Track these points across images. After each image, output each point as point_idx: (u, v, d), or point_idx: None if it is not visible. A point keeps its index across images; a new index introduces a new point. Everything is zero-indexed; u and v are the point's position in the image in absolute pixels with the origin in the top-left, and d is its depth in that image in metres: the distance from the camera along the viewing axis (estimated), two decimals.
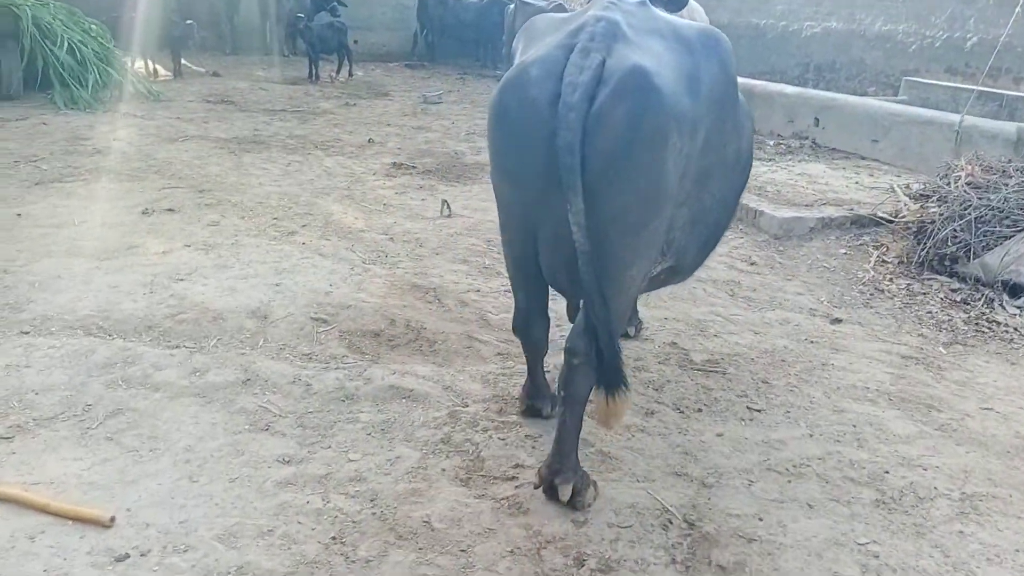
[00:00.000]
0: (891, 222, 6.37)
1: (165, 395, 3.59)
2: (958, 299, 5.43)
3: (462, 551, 2.72)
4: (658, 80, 2.64)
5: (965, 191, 5.81)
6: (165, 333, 4.22)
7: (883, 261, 6.02)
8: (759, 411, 3.77)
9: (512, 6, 16.20)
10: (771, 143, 9.89)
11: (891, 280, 5.73)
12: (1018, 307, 5.28)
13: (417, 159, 8.77)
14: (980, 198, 5.74)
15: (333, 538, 2.75)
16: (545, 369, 3.65)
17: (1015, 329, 5.03)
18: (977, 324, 5.10)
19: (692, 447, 3.45)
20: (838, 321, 5.04)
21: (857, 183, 7.90)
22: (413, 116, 11.54)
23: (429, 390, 3.75)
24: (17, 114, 9.65)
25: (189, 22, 13.79)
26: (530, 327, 3.31)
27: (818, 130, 9.92)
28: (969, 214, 5.66)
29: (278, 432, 3.34)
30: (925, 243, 5.78)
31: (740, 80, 3.28)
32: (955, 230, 5.65)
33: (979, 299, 5.37)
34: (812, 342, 4.68)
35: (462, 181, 7.96)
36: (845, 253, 6.17)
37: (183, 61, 14.10)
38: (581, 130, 2.56)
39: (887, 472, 3.34)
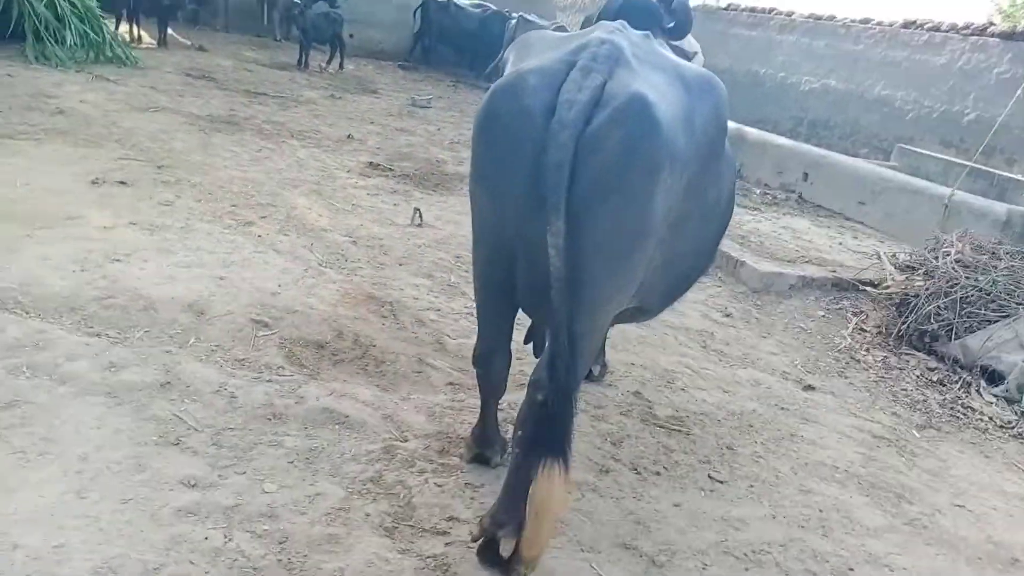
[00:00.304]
0: (872, 287, 6.16)
1: (71, 390, 3.20)
2: (934, 379, 5.21)
3: None
4: (657, 111, 2.50)
5: (953, 268, 5.61)
6: (88, 318, 3.83)
7: (861, 329, 5.80)
8: (721, 482, 3.48)
9: (514, 21, 16.00)
10: (758, 191, 9.71)
11: (867, 350, 5.50)
12: (995, 395, 5.07)
13: (395, 161, 8.44)
14: (968, 277, 5.55)
15: None
16: (499, 407, 3.34)
17: (990, 419, 4.82)
18: (952, 408, 4.89)
19: (646, 516, 3.14)
20: (810, 388, 4.78)
21: (841, 244, 7.71)
22: (398, 117, 11.22)
23: (367, 418, 3.40)
24: None
25: None
26: (492, 360, 3.04)
27: (806, 185, 9.75)
28: (955, 292, 5.46)
29: (189, 448, 2.97)
30: (907, 316, 5.56)
31: (734, 125, 3.16)
32: (939, 307, 5.44)
33: (956, 382, 5.16)
34: (782, 408, 4.42)
35: (439, 190, 7.64)
36: (823, 316, 5.94)
37: (169, 31, 13.65)
38: (573, 150, 2.41)
39: (851, 570, 3.06)
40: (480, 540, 2.65)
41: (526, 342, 3.43)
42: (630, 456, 3.57)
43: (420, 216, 6.44)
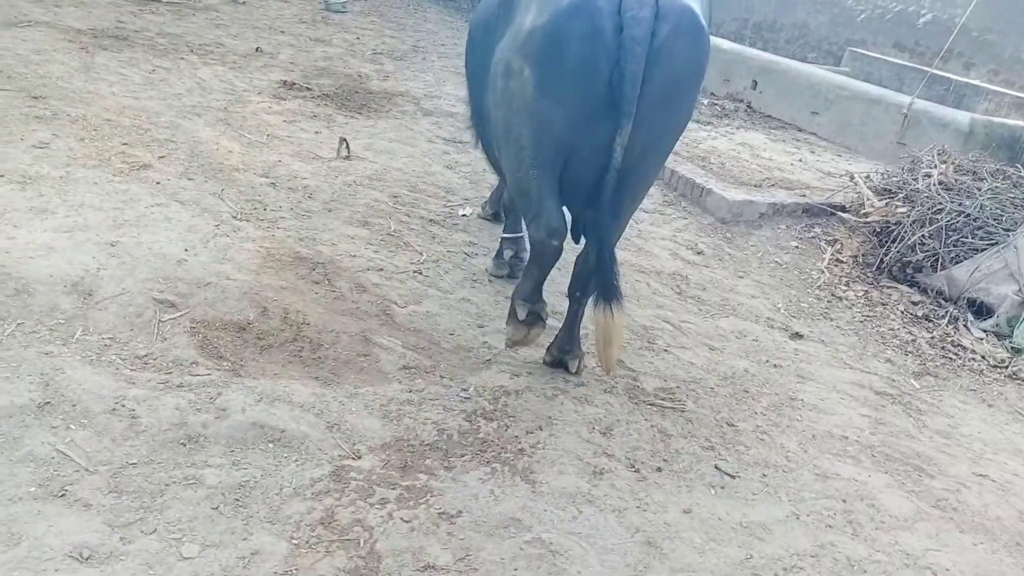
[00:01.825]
0: (844, 211, 5.71)
1: None
2: (919, 314, 4.85)
3: None
4: (702, 20, 2.86)
5: (937, 192, 5.18)
6: None
7: (837, 260, 5.37)
8: (732, 476, 3.00)
9: None
10: (705, 102, 9.10)
11: (847, 285, 5.09)
12: (984, 330, 4.74)
13: (313, 79, 7.48)
14: (952, 201, 5.14)
15: None
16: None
17: (983, 357, 4.49)
18: (943, 348, 4.54)
19: (655, 532, 2.64)
20: (798, 336, 4.34)
21: (801, 160, 7.23)
22: (312, 25, 10.06)
23: (308, 430, 2.76)
24: None
25: None
26: (563, 230, 3.16)
27: (755, 94, 9.20)
28: (940, 219, 5.05)
29: (79, 501, 2.29)
30: (889, 246, 5.15)
31: None
32: (923, 236, 5.03)
33: (943, 317, 4.81)
34: (775, 365, 3.96)
35: (365, 112, 6.77)
36: (796, 247, 5.48)
37: None
38: (644, 62, 2.70)
39: None
40: (552, 363, 3.45)
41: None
42: (624, 448, 3.04)
43: (347, 147, 5.63)
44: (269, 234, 4.18)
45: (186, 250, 3.80)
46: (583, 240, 3.21)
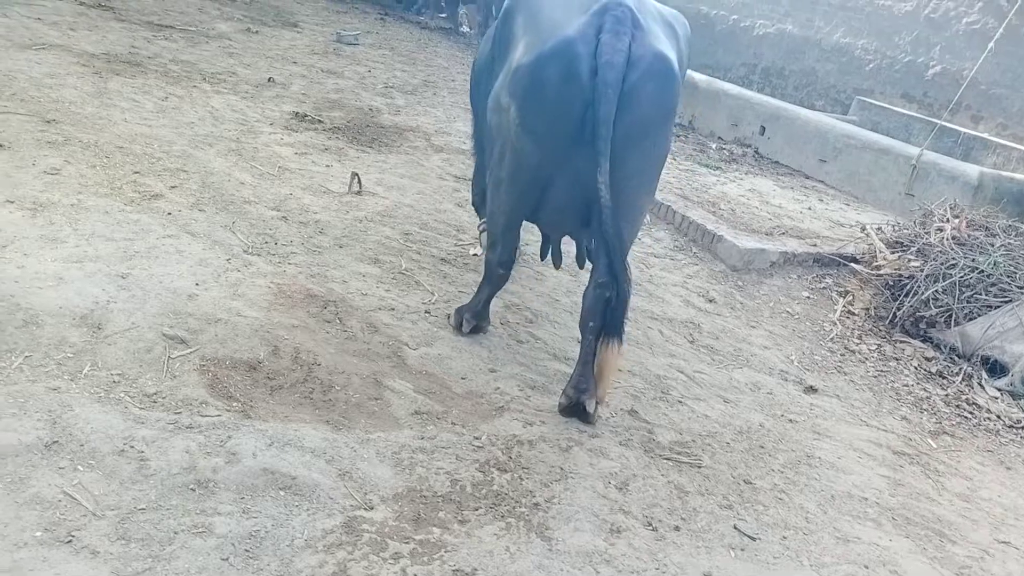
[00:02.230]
0: (855, 263, 5.69)
1: None
2: (933, 370, 4.80)
3: None
4: (673, 65, 3.12)
5: (951, 248, 5.17)
6: None
7: (849, 312, 5.33)
8: (752, 538, 2.92)
9: None
10: (713, 146, 9.14)
11: (860, 338, 5.04)
12: (998, 388, 4.69)
13: (324, 111, 7.48)
14: (965, 257, 5.11)
15: None
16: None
17: (998, 417, 4.44)
18: (958, 406, 4.49)
19: None
20: (813, 390, 4.28)
21: (810, 208, 7.23)
22: (324, 56, 10.11)
23: (319, 477, 2.68)
24: None
25: None
26: (512, 262, 3.77)
27: (763, 139, 9.24)
28: (953, 275, 5.02)
29: (86, 548, 2.20)
30: (902, 300, 5.11)
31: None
32: (937, 291, 5.00)
33: (957, 374, 4.76)
34: (790, 420, 3.90)
35: (376, 147, 6.76)
36: (808, 297, 5.45)
37: None
38: (616, 104, 2.97)
39: None
40: (568, 407, 3.38)
41: (543, 258, 4.27)
42: (641, 504, 2.97)
43: (359, 182, 5.60)
44: (280, 270, 4.14)
45: (197, 284, 3.74)
46: (587, 266, 3.67)
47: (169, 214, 4.47)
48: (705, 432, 3.59)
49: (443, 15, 15.67)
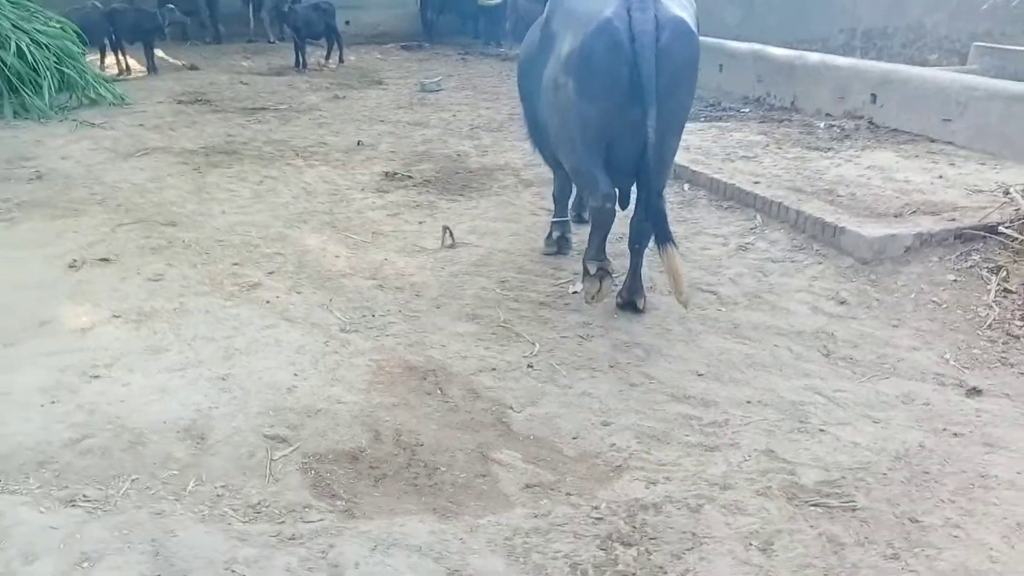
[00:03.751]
0: (1004, 232, 5.03)
1: None
2: None
3: None
4: (691, 25, 3.86)
5: None
6: (60, 473, 3.00)
7: (1005, 290, 4.70)
8: None
9: None
10: (822, 125, 8.51)
11: (1023, 319, 4.42)
12: None
13: (413, 165, 7.48)
14: None
15: None
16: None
17: None
18: None
19: None
20: (977, 392, 3.75)
21: (941, 177, 6.53)
22: (409, 108, 10.21)
23: None
24: None
25: (169, 6, 12.46)
26: (614, 195, 4.19)
27: (875, 108, 8.52)
28: None
29: None
30: None
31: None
32: None
33: None
34: (955, 434, 3.41)
35: (466, 194, 6.66)
36: (954, 281, 4.85)
37: (159, 53, 12.82)
38: (654, 61, 3.67)
39: None
40: (623, 303, 4.43)
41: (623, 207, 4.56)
42: (790, 567, 2.61)
43: (451, 235, 5.49)
44: (378, 344, 4.04)
45: (295, 375, 3.69)
46: (630, 207, 4.33)
47: (267, 302, 4.48)
48: (856, 464, 3.17)
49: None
